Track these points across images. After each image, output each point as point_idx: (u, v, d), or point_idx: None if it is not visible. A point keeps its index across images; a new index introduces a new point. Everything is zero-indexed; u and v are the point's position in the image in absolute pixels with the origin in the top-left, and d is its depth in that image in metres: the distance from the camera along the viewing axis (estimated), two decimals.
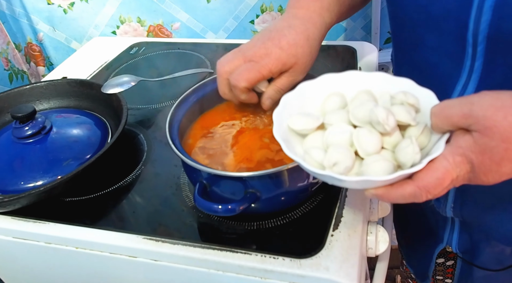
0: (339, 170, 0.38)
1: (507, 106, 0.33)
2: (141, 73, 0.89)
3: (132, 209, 0.58)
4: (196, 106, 0.61)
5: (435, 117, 0.37)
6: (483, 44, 0.43)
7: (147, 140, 0.70)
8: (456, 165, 0.35)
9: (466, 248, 0.66)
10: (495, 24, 0.41)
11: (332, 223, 0.52)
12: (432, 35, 0.48)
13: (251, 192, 0.48)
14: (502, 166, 0.34)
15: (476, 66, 0.45)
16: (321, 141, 0.42)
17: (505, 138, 0.33)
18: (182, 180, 0.61)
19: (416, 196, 0.36)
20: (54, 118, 0.69)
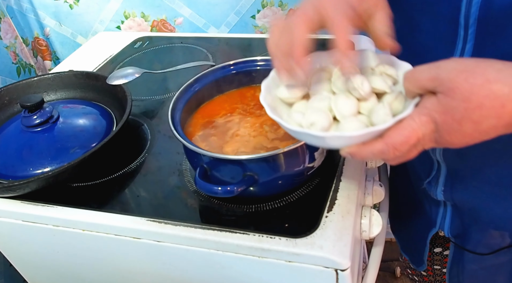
0: (315, 129, 0.41)
1: (469, 70, 0.35)
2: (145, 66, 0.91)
3: (136, 193, 0.61)
4: (197, 96, 0.63)
5: (406, 81, 0.40)
6: (474, 26, 0.45)
7: (150, 130, 0.72)
8: (421, 124, 0.38)
9: (458, 233, 0.68)
10: (485, 7, 0.43)
11: (327, 205, 0.54)
12: (427, 19, 0.49)
13: (249, 175, 0.51)
14: (463, 124, 0.36)
15: (467, 48, 0.47)
16: (305, 107, 0.45)
17: (465, 98, 0.35)
18: (184, 167, 0.63)
19: (384, 152, 0.39)
20: (61, 109, 0.72)
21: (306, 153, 0.53)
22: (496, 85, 0.35)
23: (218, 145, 0.57)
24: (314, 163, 0.54)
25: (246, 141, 0.57)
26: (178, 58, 0.91)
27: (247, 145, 0.56)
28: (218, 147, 0.56)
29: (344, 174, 0.59)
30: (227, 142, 0.57)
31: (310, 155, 0.53)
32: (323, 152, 0.55)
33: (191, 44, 0.96)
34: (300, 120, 0.43)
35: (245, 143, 0.56)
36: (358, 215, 0.58)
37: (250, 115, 0.61)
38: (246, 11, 1.01)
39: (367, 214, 0.59)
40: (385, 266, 1.49)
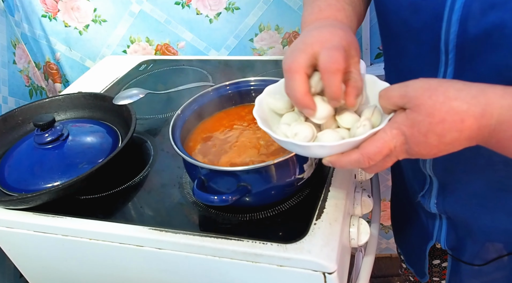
0: (299, 139, 0.45)
1: (433, 88, 0.40)
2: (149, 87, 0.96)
3: (139, 205, 0.65)
4: (196, 114, 0.67)
5: (381, 98, 0.44)
6: (453, 52, 0.49)
7: (153, 146, 0.77)
8: (392, 137, 0.42)
9: (453, 245, 0.70)
10: (461, 35, 0.47)
11: (316, 213, 0.58)
12: (412, 45, 0.54)
13: (242, 186, 0.55)
14: (428, 137, 0.40)
15: (448, 72, 0.51)
16: (293, 119, 0.49)
17: (429, 114, 0.39)
18: (184, 180, 0.68)
19: (360, 161, 0.43)
20: (71, 127, 0.77)
21: (296, 165, 0.57)
22: (456, 102, 0.39)
23: (215, 158, 0.61)
24: (303, 175, 0.58)
25: (241, 154, 0.61)
26: (180, 79, 0.96)
27: (242, 158, 0.60)
28: (215, 160, 0.60)
29: (333, 184, 0.62)
30: (223, 156, 0.61)
31: (299, 167, 0.57)
32: (312, 164, 0.59)
33: (193, 66, 1.01)
34: (286, 131, 0.47)
35: (240, 156, 0.61)
36: (346, 224, 0.61)
37: (246, 130, 0.65)
38: (244, 34, 1.07)
39: (355, 223, 0.63)
40: (385, 281, 1.50)
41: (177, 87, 0.86)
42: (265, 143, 0.62)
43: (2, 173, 0.71)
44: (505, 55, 0.45)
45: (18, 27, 1.10)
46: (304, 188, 0.62)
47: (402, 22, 0.53)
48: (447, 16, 0.47)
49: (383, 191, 1.32)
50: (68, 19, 1.11)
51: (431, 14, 0.49)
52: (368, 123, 0.45)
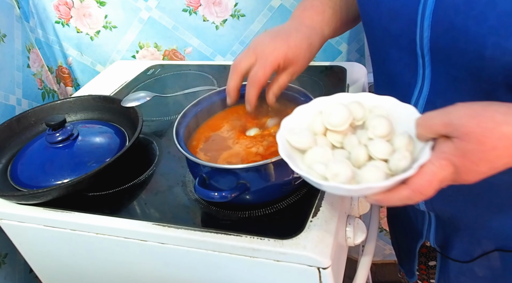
0: (340, 180, 0.43)
1: (479, 115, 0.39)
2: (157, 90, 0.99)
3: (144, 201, 0.67)
4: (200, 115, 0.70)
5: (420, 127, 0.43)
6: (428, 55, 0.52)
7: (159, 147, 0.79)
8: (442, 168, 0.41)
9: (442, 242, 0.71)
10: (434, 40, 0.50)
11: (312, 211, 0.60)
12: (393, 50, 0.57)
13: (242, 183, 0.57)
14: (480, 166, 0.40)
15: (426, 74, 0.54)
16: (321, 156, 0.47)
17: (480, 142, 0.38)
18: (187, 178, 0.70)
19: (411, 198, 0.41)
20: (80, 128, 0.79)
21: None
22: (505, 127, 0.38)
23: (216, 156, 0.63)
24: None
25: (241, 152, 0.63)
26: (186, 84, 0.98)
27: (242, 156, 0.62)
28: (216, 159, 0.63)
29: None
30: (224, 154, 0.63)
31: None
32: None
33: (199, 71, 1.04)
34: (323, 172, 0.44)
35: (240, 154, 0.63)
36: (343, 223, 0.63)
37: (245, 129, 0.67)
38: (249, 41, 1.10)
39: (351, 222, 0.64)
40: None
41: (183, 91, 0.88)
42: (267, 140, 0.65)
43: (15, 170, 0.74)
44: (471, 59, 0.47)
45: (33, 33, 1.14)
46: (302, 187, 0.64)
47: (383, 29, 0.56)
48: (420, 22, 0.50)
49: None
50: (80, 25, 1.15)
51: (407, 20, 0.51)
52: (409, 155, 0.43)
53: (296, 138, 0.48)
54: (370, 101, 0.50)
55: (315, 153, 0.47)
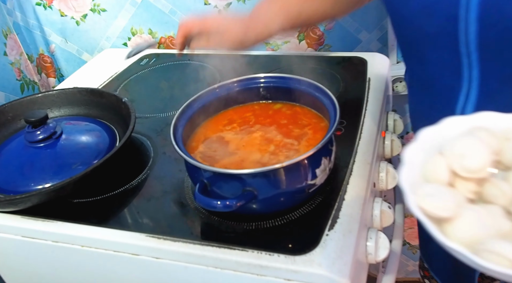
0: None
1: None
2: (151, 83, 0.99)
3: (137, 210, 0.67)
4: (200, 112, 0.70)
5: None
6: (476, 53, 0.51)
7: (153, 147, 0.79)
8: None
9: None
10: (482, 34, 0.49)
11: (328, 223, 0.59)
12: (430, 51, 0.56)
13: (248, 190, 0.56)
14: None
15: (473, 75, 0.53)
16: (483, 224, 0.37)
17: None
18: (186, 184, 0.70)
19: None
20: (64, 125, 0.80)
21: (308, 169, 0.58)
22: None
23: (219, 160, 0.63)
24: (316, 181, 0.60)
25: (247, 156, 0.63)
26: (185, 76, 0.99)
27: (248, 160, 0.62)
28: (219, 162, 0.62)
29: (348, 193, 0.64)
30: (228, 157, 0.63)
31: (311, 172, 0.59)
32: (326, 169, 0.61)
33: (199, 61, 1.04)
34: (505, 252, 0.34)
35: (246, 158, 0.63)
36: (363, 237, 0.63)
37: (252, 131, 0.67)
38: None
39: (373, 236, 0.64)
40: None
41: (181, 84, 0.88)
42: (275, 145, 0.64)
43: None
44: None
45: (10, 16, 1.14)
46: (316, 196, 0.64)
47: (417, 28, 0.55)
48: (463, 16, 0.49)
49: None
50: (64, 8, 1.15)
51: (445, 15, 0.51)
52: None
53: (437, 204, 0.38)
54: (497, 123, 0.43)
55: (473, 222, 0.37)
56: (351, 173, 0.67)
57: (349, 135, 0.74)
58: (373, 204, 0.69)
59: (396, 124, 0.90)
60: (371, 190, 0.69)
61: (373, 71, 0.91)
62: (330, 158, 0.62)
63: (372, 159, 0.71)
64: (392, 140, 0.83)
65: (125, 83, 1.00)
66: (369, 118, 0.78)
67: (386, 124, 0.88)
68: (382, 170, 0.75)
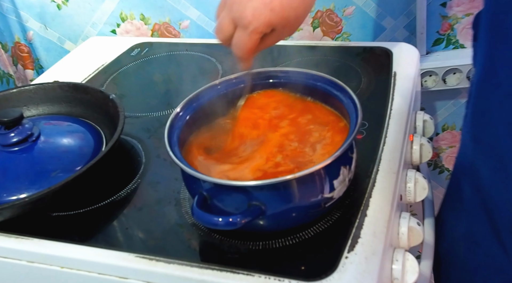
0: None
1: None
2: (144, 77, 0.98)
3: (125, 225, 0.66)
4: (201, 112, 0.69)
5: None
6: None
7: (145, 152, 0.78)
8: None
9: None
10: None
11: (348, 244, 0.58)
12: None
13: (254, 205, 0.55)
14: None
15: None
16: None
17: None
18: (182, 195, 0.69)
19: None
20: (43, 126, 0.79)
21: (324, 180, 0.57)
22: None
23: (221, 169, 0.62)
24: (333, 194, 0.58)
25: (255, 165, 0.62)
26: (182, 69, 0.98)
27: (256, 170, 0.61)
28: (221, 172, 0.61)
29: (371, 208, 0.62)
30: (233, 166, 0.62)
31: (329, 184, 0.57)
32: (345, 180, 0.59)
33: (199, 52, 1.03)
34: None
35: (254, 168, 0.61)
36: (388, 259, 0.61)
37: (263, 135, 0.66)
38: None
39: (399, 258, 0.63)
40: None
41: (177, 78, 0.87)
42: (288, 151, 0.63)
43: None
44: None
45: None
46: (334, 211, 0.63)
47: None
48: None
49: None
50: None
51: None
52: None
53: None
54: None
55: None
56: (374, 184, 0.66)
57: (371, 139, 0.73)
58: (400, 220, 0.68)
59: (426, 125, 0.88)
60: (398, 204, 0.68)
61: (399, 63, 0.90)
62: (350, 167, 0.60)
63: (399, 167, 0.69)
64: (421, 144, 0.81)
65: (114, 76, 0.99)
66: (394, 119, 0.77)
67: (414, 125, 0.87)
68: (410, 180, 0.74)
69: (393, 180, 0.67)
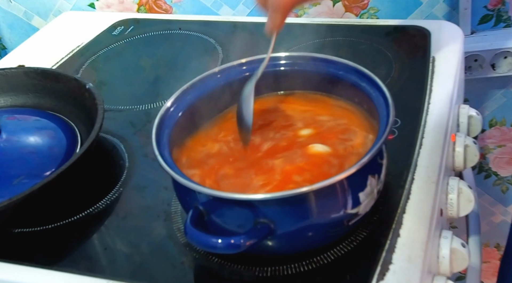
0: None
1: None
2: (127, 62, 0.97)
3: (104, 245, 0.65)
4: (197, 107, 0.68)
5: None
6: None
7: (129, 153, 0.78)
8: None
9: None
10: None
11: (377, 272, 0.57)
12: None
13: (262, 223, 0.54)
14: None
15: None
16: None
17: None
18: (174, 208, 0.68)
19: None
20: (5, 121, 0.78)
21: (348, 193, 0.55)
22: None
23: (221, 178, 0.61)
24: (359, 209, 0.57)
25: (263, 173, 0.61)
26: (174, 51, 0.97)
27: (264, 180, 0.60)
28: (221, 181, 0.60)
29: (405, 226, 0.61)
30: (236, 175, 0.61)
31: (353, 197, 0.56)
32: (373, 192, 0.58)
33: (195, 31, 1.02)
34: None
35: (262, 177, 0.60)
36: None
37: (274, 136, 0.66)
38: None
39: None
40: None
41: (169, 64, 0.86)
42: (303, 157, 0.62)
43: None
44: None
45: None
46: (359, 230, 0.62)
47: None
48: None
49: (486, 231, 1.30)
50: None
51: None
52: None
53: None
54: None
55: None
56: (408, 197, 0.65)
57: (405, 140, 0.72)
58: (440, 240, 0.66)
59: (472, 122, 0.87)
60: (437, 220, 0.66)
61: (439, 46, 0.90)
62: (380, 176, 0.59)
63: (438, 175, 0.68)
64: (465, 145, 0.80)
65: (91, 61, 0.99)
66: (433, 116, 0.76)
67: (457, 123, 0.86)
68: (452, 190, 0.72)
69: (431, 191, 0.66)
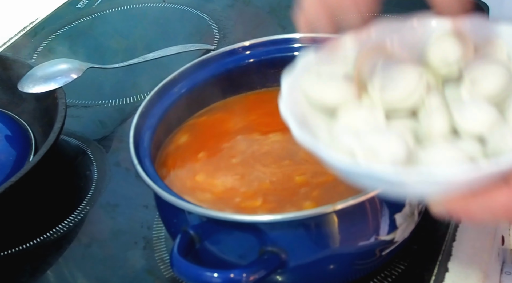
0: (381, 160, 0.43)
1: None
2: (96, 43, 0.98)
3: (69, 279, 0.66)
4: (184, 103, 0.69)
5: None
6: None
7: (98, 162, 0.79)
8: None
9: None
10: None
11: None
12: None
13: (270, 252, 0.55)
14: None
15: None
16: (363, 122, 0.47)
17: None
18: (156, 233, 0.69)
19: None
20: None
21: (381, 215, 0.56)
22: None
23: (218, 191, 0.62)
24: (395, 235, 0.58)
25: (264, 187, 0.62)
26: (157, 30, 0.99)
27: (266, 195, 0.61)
28: (214, 196, 0.61)
29: (455, 257, 0.62)
30: (231, 187, 0.62)
31: (388, 220, 0.57)
32: (413, 214, 0.59)
33: (182, 4, 1.04)
34: (350, 145, 0.46)
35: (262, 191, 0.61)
36: None
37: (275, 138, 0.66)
38: None
39: None
40: None
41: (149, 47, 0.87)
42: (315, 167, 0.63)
43: None
44: None
45: None
46: (396, 262, 0.63)
47: None
48: None
49: None
50: None
51: None
52: None
53: (321, 88, 0.50)
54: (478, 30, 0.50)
55: (350, 116, 0.49)
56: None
57: None
58: (502, 277, 0.67)
59: None
60: (497, 251, 0.67)
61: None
62: None
63: None
64: None
65: (49, 41, 1.00)
66: None
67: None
68: None
69: None
